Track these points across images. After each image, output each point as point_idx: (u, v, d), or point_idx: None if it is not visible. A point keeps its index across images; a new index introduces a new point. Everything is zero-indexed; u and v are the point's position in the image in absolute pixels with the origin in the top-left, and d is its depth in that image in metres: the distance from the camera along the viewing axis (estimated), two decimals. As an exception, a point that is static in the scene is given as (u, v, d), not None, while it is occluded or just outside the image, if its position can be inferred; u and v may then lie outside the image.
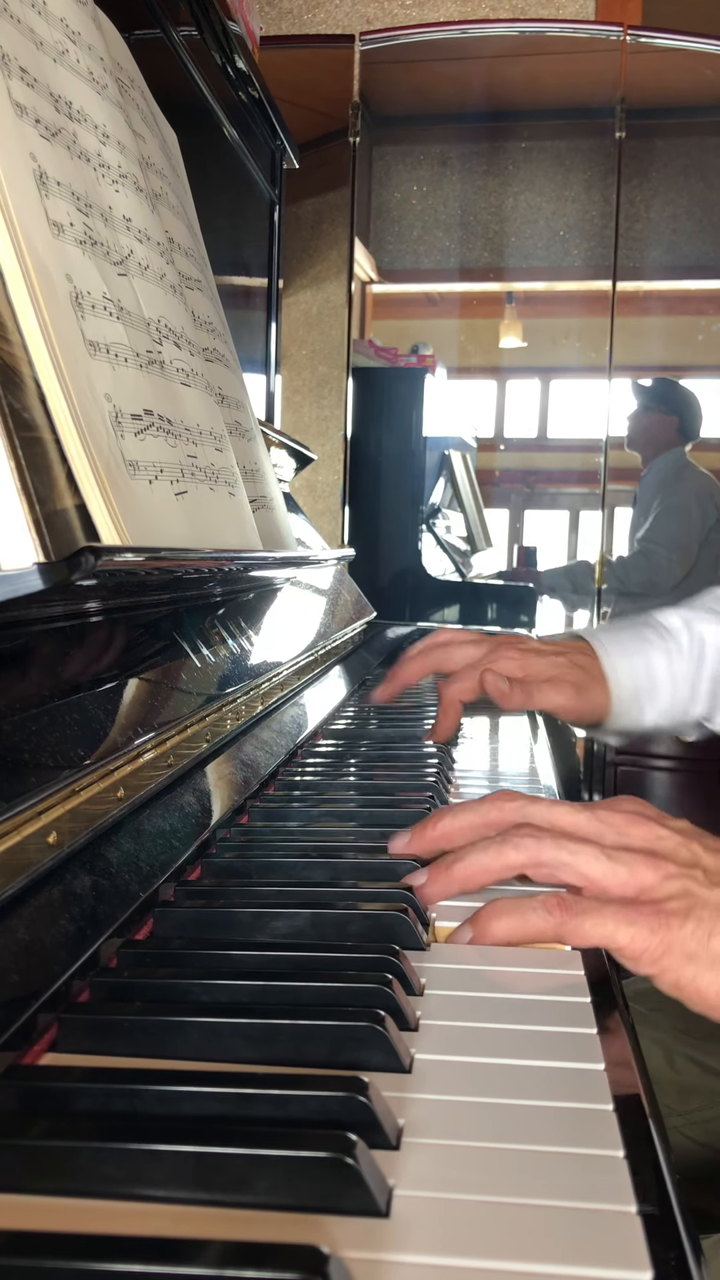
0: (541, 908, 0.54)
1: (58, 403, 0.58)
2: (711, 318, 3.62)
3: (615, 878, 0.55)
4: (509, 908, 0.54)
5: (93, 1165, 0.33)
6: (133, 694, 0.65)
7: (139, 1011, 0.43)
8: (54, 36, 0.71)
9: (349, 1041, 0.42)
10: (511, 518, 3.92)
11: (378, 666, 1.62)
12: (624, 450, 3.17)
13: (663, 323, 3.61)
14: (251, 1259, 0.28)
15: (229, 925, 0.55)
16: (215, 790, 0.71)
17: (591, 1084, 0.42)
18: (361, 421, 2.76)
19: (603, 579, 3.07)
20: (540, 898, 0.54)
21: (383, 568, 2.67)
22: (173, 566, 0.68)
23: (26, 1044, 0.41)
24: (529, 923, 0.54)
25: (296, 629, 1.14)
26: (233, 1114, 0.37)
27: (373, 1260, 0.31)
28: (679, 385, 3.22)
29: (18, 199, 0.60)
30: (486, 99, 3.31)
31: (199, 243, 0.99)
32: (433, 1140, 0.37)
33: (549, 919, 0.53)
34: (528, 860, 0.57)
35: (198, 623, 0.83)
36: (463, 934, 0.55)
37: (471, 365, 3.72)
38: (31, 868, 0.46)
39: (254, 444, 1.08)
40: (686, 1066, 0.99)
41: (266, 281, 1.73)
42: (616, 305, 3.03)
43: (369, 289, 3.59)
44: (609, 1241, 0.32)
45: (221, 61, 1.37)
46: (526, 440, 4.04)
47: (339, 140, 2.90)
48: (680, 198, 3.44)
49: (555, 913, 0.53)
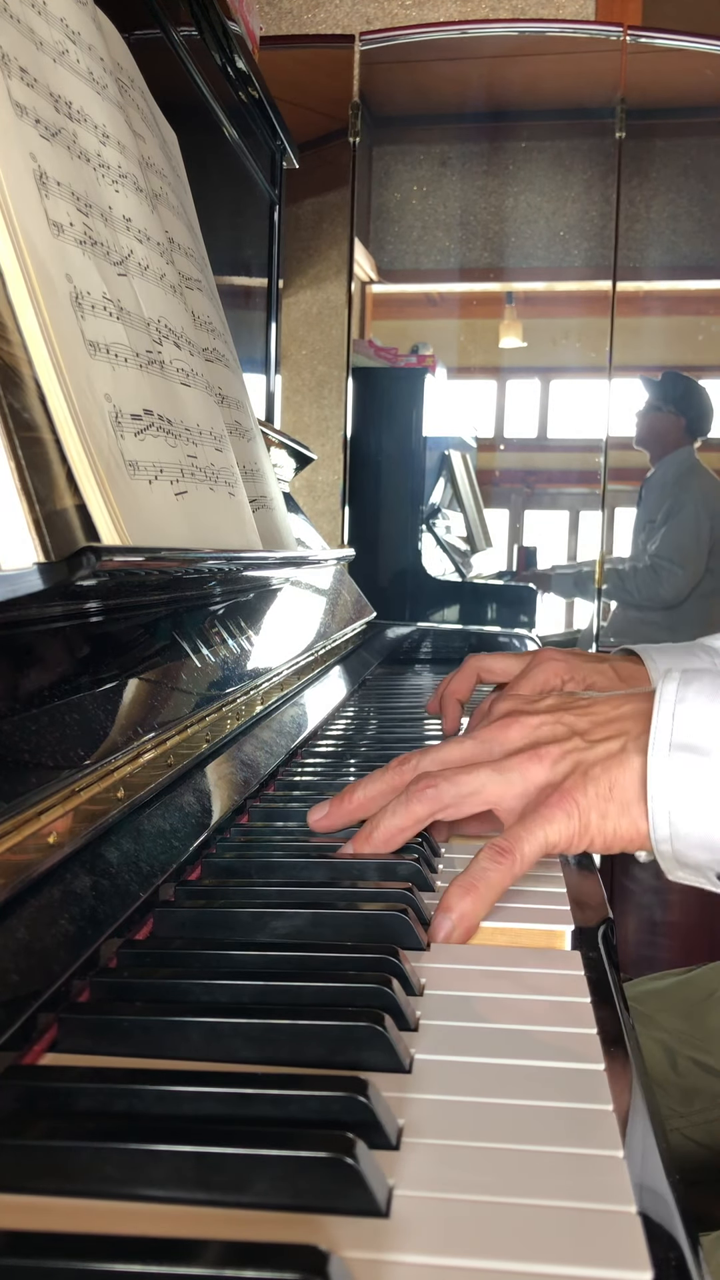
0: (489, 861, 0.57)
1: (58, 403, 0.58)
2: (711, 318, 3.62)
3: (514, 788, 0.61)
4: (464, 882, 0.57)
5: (93, 1165, 0.33)
6: (132, 694, 0.65)
7: (139, 1011, 0.43)
8: (54, 36, 0.71)
9: (349, 1041, 0.42)
10: (511, 518, 3.91)
11: (377, 666, 1.62)
12: (624, 450, 3.16)
13: (663, 323, 3.61)
14: (251, 1259, 0.28)
15: (229, 925, 0.55)
16: (215, 790, 0.71)
17: (591, 1084, 0.42)
18: (361, 421, 2.76)
19: (603, 579, 3.07)
20: (481, 855, 0.57)
21: (383, 568, 2.67)
22: (173, 566, 0.68)
23: (26, 1044, 0.41)
24: (490, 882, 0.57)
25: (296, 629, 1.14)
26: (233, 1114, 0.37)
27: (373, 1260, 0.31)
28: (690, 380, 3.20)
29: (18, 199, 0.60)
30: (486, 99, 3.31)
31: (199, 243, 0.99)
32: (433, 1140, 0.37)
33: (500, 867, 0.57)
34: (434, 808, 0.62)
35: (197, 623, 0.83)
36: (441, 926, 0.56)
37: (471, 365, 3.72)
38: (31, 868, 0.46)
39: (254, 444, 1.08)
40: (689, 1068, 0.99)
41: (266, 281, 1.73)
42: (616, 305, 3.02)
43: (369, 289, 3.59)
44: (609, 1242, 0.32)
45: (221, 61, 1.37)
46: (526, 440, 4.03)
47: (339, 140, 2.90)
48: (680, 198, 3.44)
49: (502, 859, 0.57)
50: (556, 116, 3.45)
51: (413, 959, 0.52)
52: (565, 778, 0.59)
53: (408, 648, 1.83)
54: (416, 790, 0.62)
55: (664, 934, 2.68)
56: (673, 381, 3.17)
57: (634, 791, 0.58)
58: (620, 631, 3.09)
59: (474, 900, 0.56)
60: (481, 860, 0.57)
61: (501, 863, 0.57)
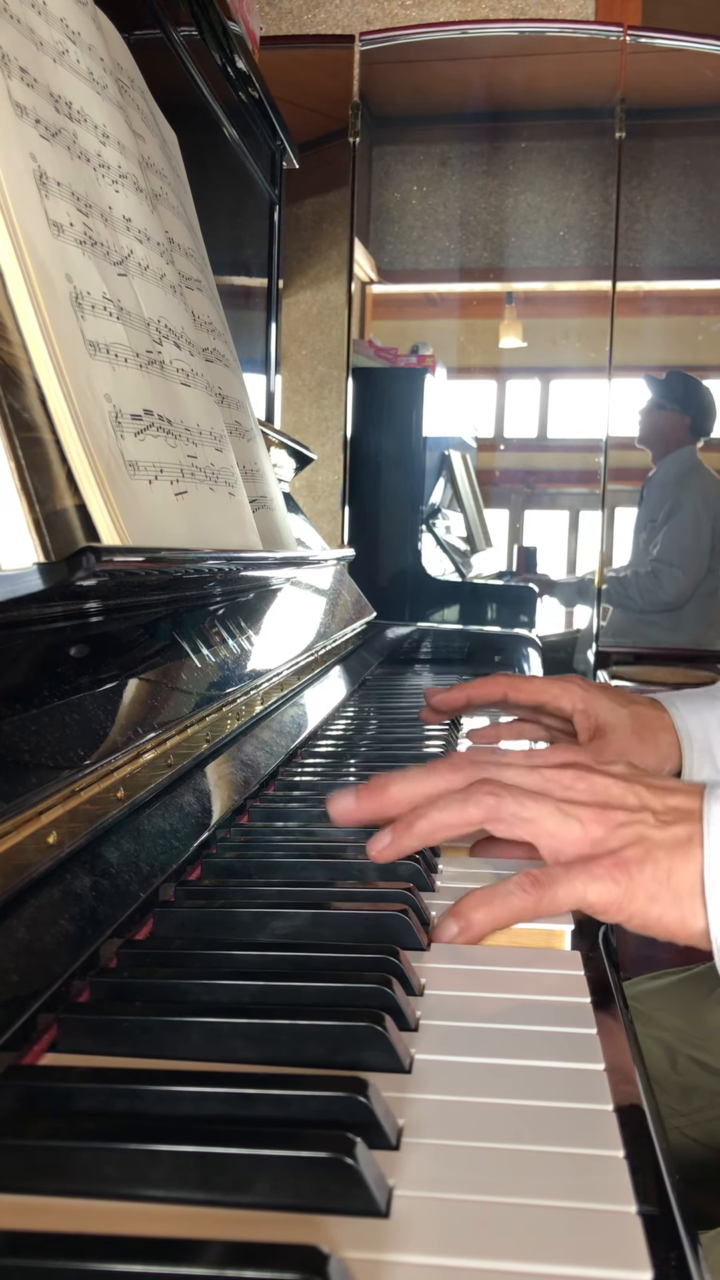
0: (518, 889, 0.55)
1: (58, 403, 0.58)
2: (711, 318, 3.62)
3: (570, 833, 0.58)
4: (486, 896, 0.56)
5: (93, 1165, 0.33)
6: (132, 694, 0.65)
7: (139, 1011, 0.43)
8: (54, 36, 0.71)
9: (349, 1041, 0.42)
10: (511, 518, 3.92)
11: (378, 666, 1.62)
12: (624, 450, 3.16)
13: (663, 323, 3.61)
14: (252, 1259, 0.28)
15: (229, 925, 0.55)
16: (215, 790, 0.71)
17: (591, 1084, 0.42)
18: (361, 421, 2.76)
19: (602, 582, 3.07)
20: (513, 879, 0.56)
21: (383, 568, 2.67)
22: (173, 566, 0.67)
23: (27, 1044, 0.41)
24: (510, 906, 0.55)
25: (296, 629, 1.14)
26: (233, 1114, 0.37)
27: (373, 1260, 0.31)
28: (694, 379, 3.20)
29: (18, 199, 0.60)
30: (486, 99, 3.31)
31: (199, 243, 0.99)
32: (433, 1140, 0.37)
33: (527, 898, 0.55)
34: (487, 816, 0.59)
35: (197, 623, 0.83)
36: (446, 929, 0.56)
37: (471, 365, 3.72)
38: (31, 868, 0.46)
39: (254, 444, 1.08)
40: (689, 1067, 0.99)
41: (266, 281, 1.73)
42: (616, 305, 3.03)
43: (369, 289, 3.59)
44: (609, 1241, 0.32)
45: (221, 61, 1.37)
46: (526, 440, 4.04)
47: (339, 140, 2.90)
48: (680, 198, 3.44)
49: (531, 890, 0.55)
50: (556, 116, 3.45)
51: (413, 959, 0.52)
52: (626, 847, 0.57)
53: (408, 648, 1.83)
54: (478, 792, 0.59)
55: (664, 934, 2.67)
56: (677, 380, 3.17)
57: (691, 884, 0.56)
58: (620, 631, 3.09)
59: (486, 915, 0.55)
60: (511, 883, 0.56)
61: (530, 894, 0.55)
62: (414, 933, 0.54)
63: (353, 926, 0.54)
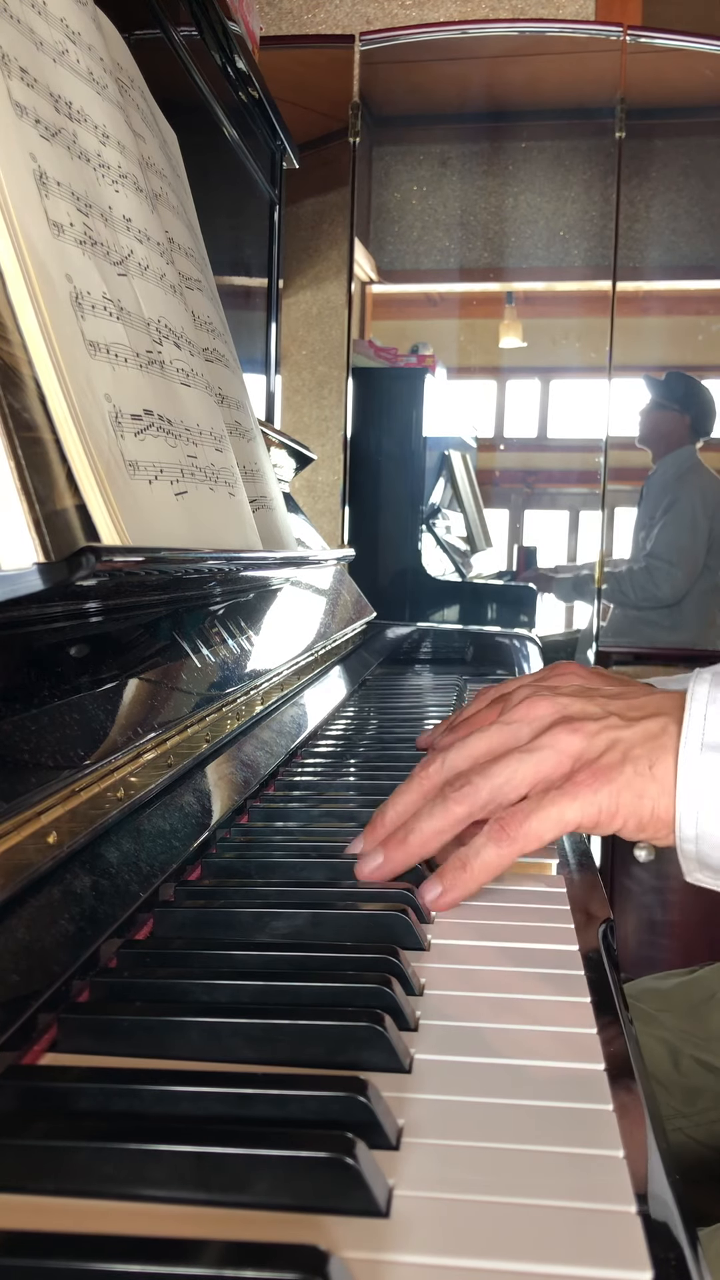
0: (489, 842, 0.55)
1: (58, 403, 0.58)
2: (711, 318, 3.61)
3: (546, 764, 0.57)
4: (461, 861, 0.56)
5: (92, 1165, 0.33)
6: (132, 694, 0.65)
7: (139, 1011, 0.43)
8: (54, 36, 0.71)
9: (349, 1041, 0.42)
10: (511, 518, 3.91)
11: (378, 666, 1.62)
12: (624, 450, 3.16)
13: (663, 323, 3.61)
14: (251, 1259, 0.28)
15: (229, 925, 0.54)
16: (215, 790, 0.71)
17: (591, 1084, 0.41)
18: (361, 421, 2.76)
19: (602, 579, 3.07)
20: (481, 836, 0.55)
21: (383, 568, 2.67)
22: (172, 566, 0.67)
23: (26, 1044, 0.41)
24: (488, 863, 0.55)
25: (296, 629, 1.14)
26: (233, 1114, 0.37)
27: (373, 1260, 0.31)
28: (694, 380, 3.20)
29: (18, 199, 0.60)
30: (486, 99, 3.31)
31: (199, 243, 0.99)
32: (433, 1140, 0.37)
33: (501, 849, 0.55)
34: (471, 807, 0.58)
35: (197, 623, 0.83)
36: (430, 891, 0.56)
37: (471, 365, 3.72)
38: (31, 868, 0.46)
39: (254, 444, 1.07)
40: (693, 1069, 0.99)
41: (266, 281, 1.73)
42: (616, 305, 3.02)
43: (369, 289, 3.58)
44: (609, 1241, 0.32)
45: (221, 61, 1.37)
46: (526, 440, 4.03)
47: (339, 140, 2.90)
48: (680, 198, 3.44)
49: (502, 838, 0.55)
50: (556, 116, 3.45)
51: (413, 959, 0.52)
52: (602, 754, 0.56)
53: (408, 648, 1.83)
54: (452, 790, 0.59)
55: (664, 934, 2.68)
56: (677, 380, 3.18)
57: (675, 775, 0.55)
58: (620, 631, 3.09)
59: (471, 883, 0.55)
60: (481, 837, 0.55)
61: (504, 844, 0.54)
62: (414, 933, 0.54)
63: (353, 926, 0.54)
